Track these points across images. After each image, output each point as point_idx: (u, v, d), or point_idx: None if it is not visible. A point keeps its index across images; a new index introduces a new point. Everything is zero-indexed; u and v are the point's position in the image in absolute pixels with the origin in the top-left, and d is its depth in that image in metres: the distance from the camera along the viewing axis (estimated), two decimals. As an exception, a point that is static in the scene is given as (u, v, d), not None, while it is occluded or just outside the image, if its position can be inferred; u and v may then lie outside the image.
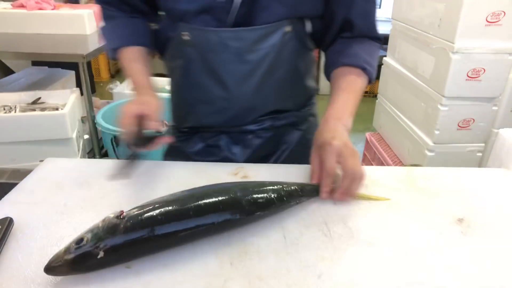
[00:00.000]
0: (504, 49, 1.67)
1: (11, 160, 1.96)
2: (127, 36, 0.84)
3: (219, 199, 0.57)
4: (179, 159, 0.89)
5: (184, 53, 0.80)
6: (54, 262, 0.48)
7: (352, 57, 0.80)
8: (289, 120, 0.90)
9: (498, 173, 0.83)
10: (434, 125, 1.82)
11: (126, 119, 0.69)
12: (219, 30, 0.74)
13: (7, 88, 2.42)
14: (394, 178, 0.78)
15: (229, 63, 0.77)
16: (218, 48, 0.76)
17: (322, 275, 0.53)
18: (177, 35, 0.78)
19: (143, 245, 0.52)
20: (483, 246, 0.60)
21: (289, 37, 0.77)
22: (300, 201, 0.67)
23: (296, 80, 0.87)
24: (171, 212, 0.54)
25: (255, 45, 0.76)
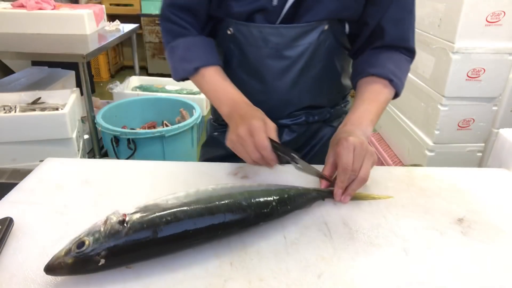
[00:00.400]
0: (504, 49, 1.67)
1: (11, 160, 1.96)
2: (207, 55, 0.82)
3: (224, 208, 0.56)
4: (215, 149, 0.96)
5: (226, 47, 0.83)
6: (55, 263, 0.48)
7: (379, 68, 0.78)
8: (323, 116, 0.92)
9: (498, 173, 0.83)
10: (434, 125, 1.82)
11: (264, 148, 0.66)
12: (262, 25, 0.78)
13: (7, 88, 2.42)
14: (394, 178, 0.78)
15: (268, 58, 0.80)
16: (259, 43, 0.79)
17: (322, 275, 0.53)
18: (222, 31, 0.82)
19: (145, 251, 0.51)
20: (483, 246, 0.60)
21: (327, 35, 0.79)
22: (305, 207, 0.66)
23: (332, 77, 0.88)
24: (175, 219, 0.53)
25: (294, 41, 0.78)
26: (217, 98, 0.79)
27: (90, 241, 0.48)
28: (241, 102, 0.76)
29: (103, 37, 2.49)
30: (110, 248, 0.48)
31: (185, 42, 0.83)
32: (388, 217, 0.66)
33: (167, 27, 0.84)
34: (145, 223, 0.51)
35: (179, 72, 0.83)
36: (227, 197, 0.58)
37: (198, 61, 0.80)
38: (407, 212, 0.68)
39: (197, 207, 0.55)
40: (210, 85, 0.80)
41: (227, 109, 0.76)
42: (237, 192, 0.60)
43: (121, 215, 0.52)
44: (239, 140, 0.68)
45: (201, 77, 0.81)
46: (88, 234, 0.49)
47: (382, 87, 0.78)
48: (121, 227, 0.50)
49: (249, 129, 0.67)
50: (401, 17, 0.80)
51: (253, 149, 0.66)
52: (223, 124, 0.96)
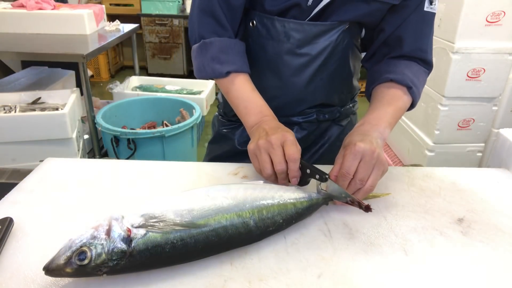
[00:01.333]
0: (504, 49, 1.67)
1: (11, 160, 1.96)
2: (241, 60, 0.80)
3: (231, 230, 0.54)
4: (223, 146, 0.96)
5: (246, 40, 0.83)
6: (54, 269, 0.46)
7: (399, 74, 0.78)
8: (333, 115, 0.93)
9: (498, 173, 0.83)
10: (434, 125, 1.82)
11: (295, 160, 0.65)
12: (286, 20, 0.77)
13: (7, 88, 2.42)
14: (394, 178, 0.78)
15: (287, 54, 0.80)
16: (281, 37, 0.79)
17: (322, 275, 0.53)
18: (244, 24, 0.82)
19: (147, 269, 0.51)
20: (483, 246, 0.60)
21: (345, 34, 0.80)
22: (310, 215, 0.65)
23: (345, 76, 0.89)
24: (181, 243, 0.51)
25: (314, 39, 0.79)
26: (245, 107, 0.78)
27: (91, 255, 0.47)
28: (271, 116, 0.76)
29: (103, 37, 2.49)
30: (113, 267, 0.48)
31: (221, 42, 0.79)
32: (388, 217, 0.66)
33: (206, 20, 0.80)
34: (150, 247, 0.49)
35: (206, 71, 0.80)
36: (234, 216, 0.55)
37: (231, 65, 0.78)
38: (407, 212, 0.68)
39: (203, 230, 0.53)
40: (239, 92, 0.79)
41: (254, 120, 0.75)
42: (246, 209, 0.57)
43: (125, 230, 0.49)
44: (268, 147, 0.66)
45: (230, 82, 0.79)
46: (89, 244, 0.47)
47: (401, 93, 0.77)
48: (125, 247, 0.48)
49: (282, 140, 0.66)
50: (421, 29, 0.79)
51: (281, 159, 0.65)
52: (233, 121, 0.96)
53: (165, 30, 4.30)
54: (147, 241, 0.49)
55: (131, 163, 0.82)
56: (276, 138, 0.66)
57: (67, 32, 2.45)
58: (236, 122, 0.96)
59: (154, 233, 0.50)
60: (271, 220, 0.58)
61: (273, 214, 0.59)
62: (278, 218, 0.59)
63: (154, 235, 0.50)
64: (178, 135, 2.17)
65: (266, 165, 0.67)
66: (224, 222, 0.54)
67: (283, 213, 0.60)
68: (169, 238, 0.50)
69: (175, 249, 0.50)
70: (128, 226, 0.50)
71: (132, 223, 0.50)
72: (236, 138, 0.96)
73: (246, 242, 0.57)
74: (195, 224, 0.53)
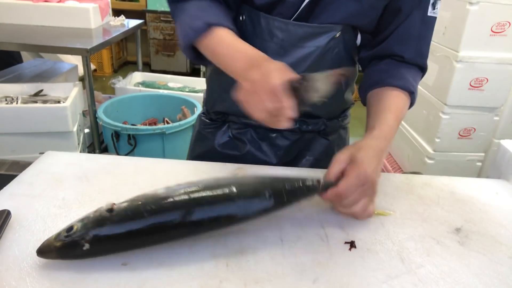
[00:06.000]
0: (508, 59, 1.67)
1: (11, 151, 1.96)
2: (223, 17, 0.72)
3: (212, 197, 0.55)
4: (205, 147, 0.93)
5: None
6: (45, 246, 0.50)
7: (402, 80, 0.76)
8: (317, 127, 0.88)
9: (497, 184, 0.83)
10: (435, 133, 1.82)
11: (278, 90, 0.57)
12: (270, 17, 0.74)
13: (9, 79, 2.42)
14: (393, 185, 0.78)
15: (271, 54, 0.75)
16: (264, 35, 0.76)
17: (317, 280, 0.52)
18: (235, 17, 0.78)
19: (129, 239, 0.52)
20: (480, 257, 0.60)
21: (336, 42, 0.76)
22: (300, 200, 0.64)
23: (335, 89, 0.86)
24: (160, 209, 0.53)
25: (300, 41, 0.75)
26: (229, 56, 0.67)
27: (78, 226, 0.50)
28: (261, 58, 0.65)
29: (108, 32, 2.49)
30: (95, 234, 0.50)
31: (199, 3, 0.73)
32: (386, 224, 0.66)
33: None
34: (130, 211, 0.52)
35: (188, 34, 0.71)
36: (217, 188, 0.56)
37: (213, 18, 0.70)
38: (405, 219, 0.68)
39: (184, 198, 0.54)
40: (221, 44, 0.68)
41: (240, 65, 0.65)
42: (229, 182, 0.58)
43: (111, 204, 0.53)
44: (252, 87, 0.58)
45: (212, 37, 0.69)
46: (78, 221, 0.52)
47: (405, 102, 0.76)
48: (108, 214, 0.51)
49: (264, 72, 0.58)
50: (424, 33, 0.78)
51: (266, 95, 0.57)
52: (215, 120, 0.92)
53: (169, 27, 4.30)
54: (127, 208, 0.52)
55: (131, 159, 0.82)
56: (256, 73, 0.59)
57: (72, 25, 2.45)
58: (217, 122, 0.93)
59: (136, 202, 0.53)
60: (256, 197, 0.58)
61: (257, 190, 0.58)
62: (264, 194, 0.58)
63: (135, 204, 0.53)
64: (178, 132, 2.17)
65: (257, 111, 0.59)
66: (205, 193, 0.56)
67: (270, 190, 0.58)
68: (148, 204, 0.53)
69: (154, 216, 0.52)
70: (114, 202, 0.54)
71: (117, 203, 0.54)
72: (216, 140, 0.92)
73: (230, 221, 0.57)
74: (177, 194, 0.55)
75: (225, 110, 0.89)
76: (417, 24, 0.76)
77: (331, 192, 0.61)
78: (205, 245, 0.57)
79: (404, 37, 0.77)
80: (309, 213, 0.67)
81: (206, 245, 0.57)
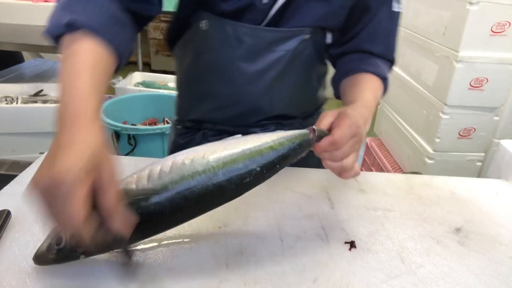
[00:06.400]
0: (508, 59, 1.67)
1: (11, 151, 1.96)
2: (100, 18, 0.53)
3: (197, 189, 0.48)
4: None
5: (196, 45, 0.77)
6: (40, 257, 0.49)
7: (374, 66, 0.78)
8: (293, 127, 0.86)
9: (497, 184, 0.83)
10: (435, 132, 1.82)
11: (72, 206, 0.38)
12: (237, 24, 0.72)
13: (9, 79, 2.42)
14: (393, 185, 0.78)
15: (241, 60, 0.75)
16: (232, 42, 0.73)
17: (317, 279, 0.52)
18: (195, 24, 0.75)
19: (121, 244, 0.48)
20: (480, 257, 0.60)
21: (306, 45, 0.76)
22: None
23: (307, 88, 0.86)
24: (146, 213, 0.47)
25: (270, 46, 0.74)
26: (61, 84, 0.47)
27: (67, 237, 0.47)
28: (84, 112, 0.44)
29: (108, 32, 2.48)
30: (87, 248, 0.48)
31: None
32: (386, 224, 0.66)
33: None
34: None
35: (50, 25, 0.56)
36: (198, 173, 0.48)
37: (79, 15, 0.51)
38: (405, 219, 0.68)
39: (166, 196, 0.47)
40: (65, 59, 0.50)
41: (60, 109, 0.45)
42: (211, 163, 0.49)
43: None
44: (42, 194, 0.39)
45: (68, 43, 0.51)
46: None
47: (380, 85, 0.77)
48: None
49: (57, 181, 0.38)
50: (391, 28, 0.80)
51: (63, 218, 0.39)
52: (190, 127, 0.88)
53: (169, 27, 4.30)
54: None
55: (131, 159, 0.82)
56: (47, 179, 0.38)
57: (72, 25, 2.45)
58: (192, 129, 0.88)
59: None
60: (244, 170, 0.50)
61: (245, 163, 0.50)
62: (253, 166, 0.50)
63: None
64: (178, 132, 2.17)
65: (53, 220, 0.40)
66: (188, 183, 0.48)
67: (259, 159, 0.51)
68: (133, 209, 0.45)
69: (141, 220, 0.46)
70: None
71: None
72: None
73: (223, 200, 0.51)
74: (155, 190, 0.47)
75: (200, 118, 0.87)
76: (384, 21, 0.78)
77: (326, 141, 0.57)
78: (205, 245, 0.57)
79: (373, 34, 0.79)
80: (309, 213, 0.67)
81: (206, 245, 0.57)
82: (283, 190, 0.73)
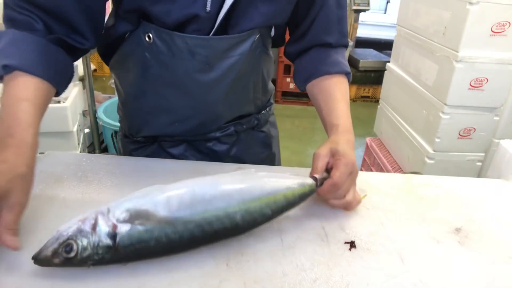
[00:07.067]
0: (508, 59, 1.67)
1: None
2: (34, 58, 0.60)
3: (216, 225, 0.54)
4: None
5: (141, 57, 0.72)
6: (42, 259, 0.48)
7: (336, 65, 0.80)
8: (251, 124, 0.89)
9: (497, 184, 0.83)
10: (435, 132, 1.82)
11: None
12: (188, 36, 0.68)
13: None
14: (393, 185, 0.78)
15: (195, 72, 0.72)
16: (184, 55, 0.70)
17: (317, 279, 0.52)
18: (135, 36, 0.71)
19: (132, 261, 0.52)
20: (480, 257, 0.60)
21: (257, 44, 0.75)
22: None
23: (260, 84, 0.85)
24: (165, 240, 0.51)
25: (224, 53, 0.72)
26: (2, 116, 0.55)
27: (78, 249, 0.48)
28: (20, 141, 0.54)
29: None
30: (99, 260, 0.49)
31: (16, 35, 0.60)
32: (386, 224, 0.66)
33: (10, 15, 0.61)
34: (135, 242, 0.50)
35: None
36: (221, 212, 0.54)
37: (16, 59, 0.58)
38: (405, 219, 0.68)
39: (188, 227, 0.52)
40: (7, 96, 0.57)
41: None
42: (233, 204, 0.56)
43: (111, 225, 0.50)
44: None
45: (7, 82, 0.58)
46: (76, 237, 0.48)
47: (346, 85, 0.80)
48: (110, 242, 0.49)
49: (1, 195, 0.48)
50: (341, 15, 0.81)
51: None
52: (143, 142, 0.86)
53: (169, 27, 4.30)
54: (132, 237, 0.50)
55: (131, 159, 0.82)
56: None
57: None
58: (145, 143, 0.86)
59: (139, 229, 0.50)
60: (259, 213, 0.57)
61: (261, 207, 0.57)
62: (266, 211, 0.58)
63: (138, 231, 0.50)
64: (178, 132, 2.17)
65: None
66: (210, 218, 0.53)
67: (273, 205, 0.58)
68: (153, 234, 0.50)
69: (159, 244, 0.51)
70: (114, 221, 0.50)
71: (118, 217, 0.51)
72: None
73: (231, 235, 0.57)
74: (180, 220, 0.52)
75: (154, 133, 0.84)
76: (333, 9, 0.79)
77: (327, 185, 0.63)
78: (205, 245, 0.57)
79: (326, 24, 0.80)
80: (309, 213, 0.67)
81: (206, 245, 0.57)
82: (283, 190, 0.73)
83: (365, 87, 4.24)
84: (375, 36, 4.80)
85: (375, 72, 4.10)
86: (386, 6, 5.28)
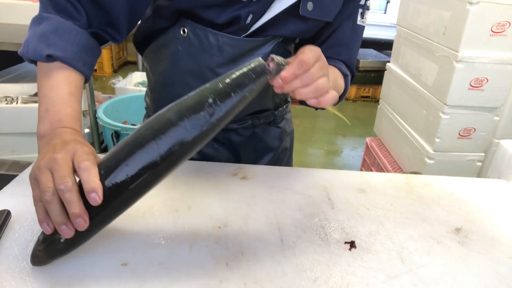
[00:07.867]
0: (508, 59, 1.67)
1: (11, 151, 1.96)
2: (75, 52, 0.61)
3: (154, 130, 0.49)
4: None
5: (174, 49, 0.77)
6: (33, 256, 0.50)
7: (337, 63, 0.81)
8: (268, 119, 0.93)
9: (497, 184, 0.83)
10: (435, 132, 1.82)
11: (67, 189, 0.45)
12: (219, 34, 0.73)
13: (9, 79, 2.42)
14: (393, 185, 0.78)
15: (221, 67, 0.76)
16: (213, 51, 0.75)
17: (317, 279, 0.52)
18: (172, 30, 0.76)
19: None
20: (480, 257, 0.60)
21: (280, 45, 0.79)
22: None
23: None
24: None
25: (249, 52, 0.76)
26: (46, 109, 0.59)
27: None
28: (71, 129, 0.56)
29: (108, 32, 2.48)
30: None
31: (60, 23, 0.61)
32: (386, 224, 0.66)
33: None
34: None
35: (28, 49, 0.61)
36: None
37: (58, 50, 0.59)
38: (405, 219, 0.68)
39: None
40: (50, 89, 0.60)
41: (47, 129, 0.57)
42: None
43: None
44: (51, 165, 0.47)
45: (46, 72, 0.61)
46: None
47: (342, 78, 0.80)
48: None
49: (72, 152, 0.48)
50: (355, 41, 0.83)
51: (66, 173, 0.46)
52: None
53: (169, 27, 4.30)
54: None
55: (131, 160, 0.82)
56: (64, 152, 0.48)
57: (72, 25, 2.45)
58: None
59: None
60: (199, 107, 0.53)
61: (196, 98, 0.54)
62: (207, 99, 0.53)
63: None
64: (178, 132, 2.17)
65: (46, 187, 0.45)
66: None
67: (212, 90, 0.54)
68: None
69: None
70: None
71: None
72: None
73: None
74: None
75: None
76: (347, 33, 0.81)
77: (293, 63, 0.54)
78: (205, 245, 0.57)
79: (336, 45, 0.82)
80: (309, 213, 0.67)
81: (206, 245, 0.57)
82: (283, 190, 0.73)
83: (365, 87, 4.24)
84: (375, 36, 4.81)
85: (375, 72, 4.11)
86: (386, 6, 5.28)
